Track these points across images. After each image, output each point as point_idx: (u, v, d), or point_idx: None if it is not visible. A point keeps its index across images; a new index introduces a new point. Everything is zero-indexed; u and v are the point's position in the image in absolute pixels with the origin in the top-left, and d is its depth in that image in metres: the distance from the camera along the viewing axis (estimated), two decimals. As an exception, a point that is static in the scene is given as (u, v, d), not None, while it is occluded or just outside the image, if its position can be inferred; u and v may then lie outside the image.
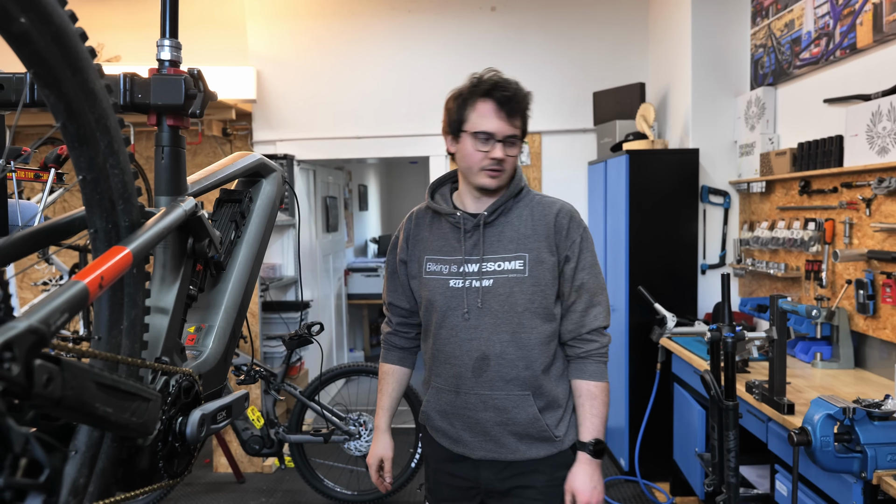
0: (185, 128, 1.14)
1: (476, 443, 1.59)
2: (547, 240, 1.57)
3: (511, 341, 1.55)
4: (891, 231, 2.43)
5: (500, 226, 1.59)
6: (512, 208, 1.61)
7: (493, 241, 1.58)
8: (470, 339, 1.56)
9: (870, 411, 1.76)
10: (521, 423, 1.56)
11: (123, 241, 0.86)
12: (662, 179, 3.62)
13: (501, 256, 1.57)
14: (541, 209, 1.61)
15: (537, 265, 1.55)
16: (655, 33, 4.36)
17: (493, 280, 1.56)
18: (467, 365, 1.57)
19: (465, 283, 1.57)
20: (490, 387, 1.56)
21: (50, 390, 0.61)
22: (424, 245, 1.66)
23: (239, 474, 3.87)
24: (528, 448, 1.57)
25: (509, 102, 1.52)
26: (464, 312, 1.57)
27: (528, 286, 1.55)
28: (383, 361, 1.81)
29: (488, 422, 1.57)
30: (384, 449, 1.77)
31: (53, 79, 0.73)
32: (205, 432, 1.06)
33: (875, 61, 2.58)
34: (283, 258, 4.82)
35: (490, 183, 1.55)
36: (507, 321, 1.55)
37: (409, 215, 1.74)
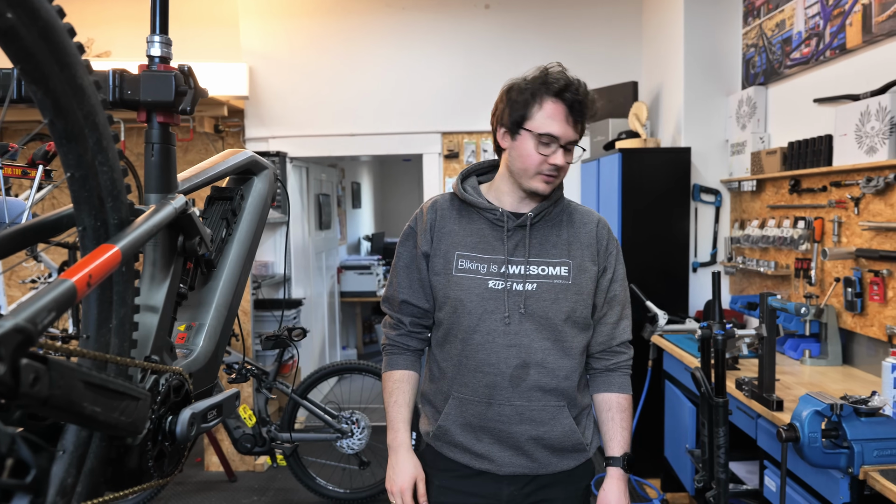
0: (176, 125, 1.14)
1: (506, 458, 1.49)
2: (590, 248, 1.53)
3: (552, 349, 1.47)
4: (879, 230, 2.45)
5: (542, 229, 1.52)
6: (551, 212, 1.54)
7: (535, 243, 1.50)
8: (509, 345, 1.45)
9: (857, 407, 1.77)
10: (555, 437, 1.49)
11: (112, 238, 0.86)
12: (655, 178, 3.63)
13: (546, 261, 1.49)
14: (580, 217, 1.56)
15: (580, 273, 1.50)
16: (648, 32, 4.37)
17: (536, 284, 1.47)
18: (504, 374, 1.46)
19: (507, 286, 1.46)
20: (528, 397, 1.46)
21: (37, 390, 0.60)
22: (454, 239, 1.52)
23: (230, 473, 3.86)
24: (559, 461, 1.51)
25: (581, 107, 1.43)
26: (504, 316, 1.45)
27: (572, 294, 1.48)
28: (393, 368, 1.58)
29: (522, 435, 1.47)
30: (416, 467, 1.53)
31: (41, 75, 0.72)
32: (195, 431, 1.05)
33: (864, 62, 2.60)
34: (276, 256, 4.80)
35: (544, 189, 1.47)
36: (550, 328, 1.47)
37: (432, 204, 1.58)
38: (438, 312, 1.54)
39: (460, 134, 4.64)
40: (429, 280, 1.54)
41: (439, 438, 1.55)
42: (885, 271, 2.41)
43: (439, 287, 1.52)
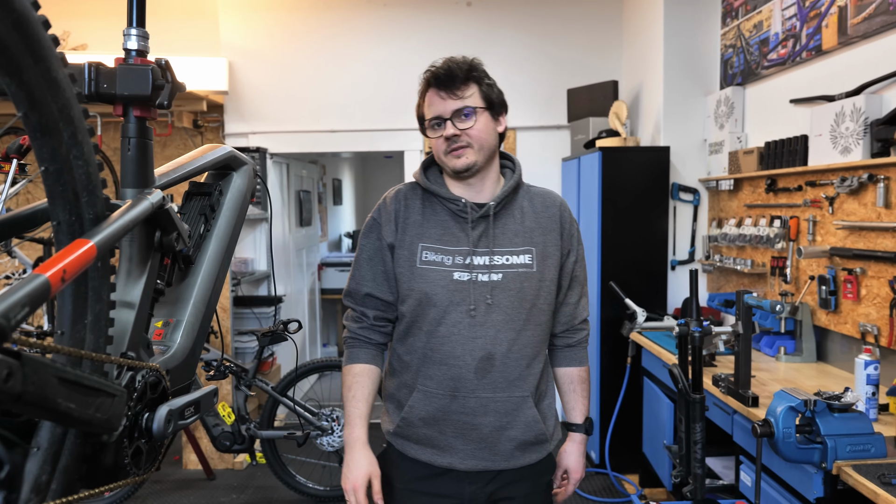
0: (153, 119, 1.13)
1: (468, 451, 1.48)
2: (553, 234, 1.54)
3: (517, 339, 1.48)
4: (852, 229, 2.49)
5: (504, 217, 1.52)
6: (513, 200, 1.54)
7: (498, 233, 1.50)
8: (474, 337, 1.45)
9: (830, 403, 1.80)
10: (520, 428, 1.49)
11: (87, 233, 0.85)
12: (634, 176, 3.66)
13: (510, 250, 1.49)
14: (541, 200, 1.56)
15: (544, 260, 1.51)
16: (629, 32, 4.40)
17: (502, 274, 1.47)
18: (469, 365, 1.45)
19: (472, 277, 1.46)
20: (493, 388, 1.46)
21: (10, 385, 0.60)
22: (418, 231, 1.50)
23: (209, 471, 3.83)
24: (522, 455, 1.51)
25: (446, 77, 1.45)
26: (470, 308, 1.45)
27: (536, 281, 1.50)
28: (353, 362, 1.56)
29: (486, 427, 1.47)
30: (373, 465, 1.49)
31: (14, 67, 0.71)
32: (172, 428, 1.05)
33: (840, 63, 2.65)
34: (256, 252, 4.77)
35: (456, 163, 1.45)
36: (516, 318, 1.47)
37: (396, 194, 1.57)
38: (401, 305, 1.52)
39: (442, 131, 4.64)
40: (393, 272, 1.51)
41: (401, 435, 1.53)
42: (859, 269, 2.45)
43: (403, 279, 1.50)
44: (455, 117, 1.44)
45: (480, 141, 1.46)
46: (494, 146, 1.51)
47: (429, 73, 1.49)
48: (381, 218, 1.55)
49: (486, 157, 1.49)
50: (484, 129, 1.46)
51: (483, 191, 1.52)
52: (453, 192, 1.52)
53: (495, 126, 1.50)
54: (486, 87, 1.48)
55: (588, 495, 3.49)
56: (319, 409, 3.41)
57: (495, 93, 1.50)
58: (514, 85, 4.58)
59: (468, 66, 1.46)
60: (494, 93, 1.49)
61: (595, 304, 3.69)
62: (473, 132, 1.44)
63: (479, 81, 1.47)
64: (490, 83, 1.50)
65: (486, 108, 1.47)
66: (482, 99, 1.46)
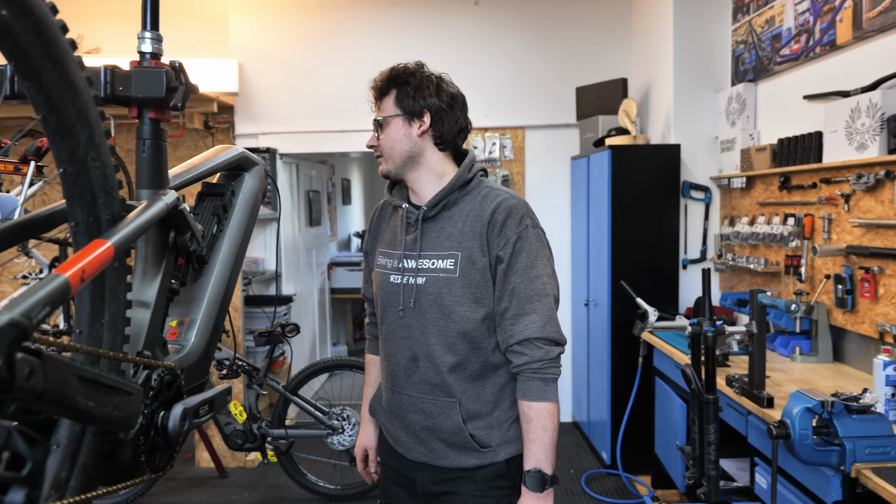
0: (167, 120, 1.13)
1: (410, 444, 1.55)
2: (479, 238, 1.45)
3: (438, 344, 1.47)
4: (869, 226, 2.47)
5: (442, 221, 1.51)
6: (458, 202, 1.51)
7: (432, 236, 1.50)
8: (404, 337, 1.51)
9: (848, 405, 1.78)
10: (446, 431, 1.48)
11: (105, 234, 0.86)
12: (644, 175, 3.65)
13: (437, 254, 1.49)
14: (484, 204, 1.48)
15: (468, 265, 1.45)
16: (638, 29, 4.38)
17: (426, 278, 1.48)
18: (400, 364, 1.53)
19: (403, 280, 1.52)
20: (419, 389, 1.51)
21: (31, 384, 0.60)
22: (380, 237, 1.64)
23: (221, 469, 3.85)
24: (457, 455, 1.49)
25: (374, 91, 1.54)
26: (399, 309, 1.51)
27: (458, 287, 1.45)
28: (367, 352, 1.80)
29: (417, 424, 1.52)
30: (368, 439, 1.74)
31: (34, 71, 0.72)
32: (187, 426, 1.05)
33: (854, 58, 2.62)
34: (266, 252, 4.79)
35: (379, 171, 1.56)
36: (436, 323, 1.47)
37: (377, 206, 1.70)
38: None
39: (452, 131, 4.64)
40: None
41: (374, 416, 1.70)
42: (876, 268, 2.43)
43: (372, 281, 1.66)
44: (375, 129, 1.53)
45: (387, 149, 1.51)
46: (407, 152, 1.50)
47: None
48: (368, 227, 1.72)
49: (400, 163, 1.51)
50: (391, 137, 1.50)
51: (422, 195, 1.54)
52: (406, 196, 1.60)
53: (409, 130, 1.49)
54: (404, 92, 1.49)
55: (600, 496, 3.48)
56: (330, 408, 3.42)
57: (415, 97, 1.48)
58: (523, 84, 4.57)
59: (389, 76, 1.52)
60: (413, 97, 1.48)
61: (605, 303, 3.68)
62: (381, 142, 1.51)
63: (400, 86, 1.50)
64: (413, 87, 1.49)
65: (399, 114, 1.49)
66: (396, 106, 1.49)
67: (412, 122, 1.49)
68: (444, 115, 1.50)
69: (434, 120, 1.49)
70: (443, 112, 1.50)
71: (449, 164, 1.54)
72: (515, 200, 1.49)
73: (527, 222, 1.46)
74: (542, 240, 1.49)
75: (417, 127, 1.49)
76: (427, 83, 1.50)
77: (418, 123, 1.49)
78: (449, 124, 1.51)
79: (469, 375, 1.48)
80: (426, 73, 1.53)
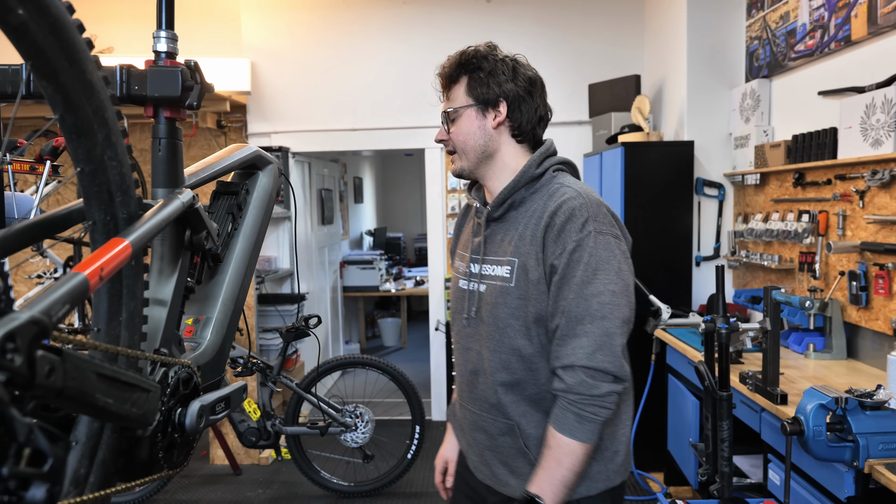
0: (182, 119, 1.14)
1: (476, 463, 1.43)
2: (537, 244, 1.27)
3: (492, 359, 1.32)
4: (884, 223, 2.44)
5: (508, 222, 1.36)
6: (525, 201, 1.34)
7: (497, 239, 1.36)
8: (468, 347, 1.40)
9: (862, 401, 1.77)
10: (506, 454, 1.35)
11: (122, 232, 0.87)
12: (658, 172, 3.63)
13: (497, 259, 1.34)
14: (548, 203, 1.29)
15: (523, 274, 1.28)
16: (651, 25, 4.36)
17: (486, 286, 1.35)
18: (465, 377, 1.42)
19: (469, 286, 1.39)
20: (479, 406, 1.38)
21: (52, 381, 0.61)
22: (461, 237, 1.54)
23: (236, 466, 3.88)
24: (518, 484, 1.32)
25: (441, 79, 1.38)
26: (464, 317, 1.40)
27: (514, 298, 1.29)
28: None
29: (480, 444, 1.40)
30: (449, 451, 1.59)
31: (51, 70, 0.73)
32: (204, 423, 1.06)
33: (869, 53, 2.59)
34: (279, 251, 4.81)
35: (451, 169, 1.42)
36: (491, 336, 1.33)
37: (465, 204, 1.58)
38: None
39: (463, 128, 4.64)
40: None
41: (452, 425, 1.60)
42: (891, 265, 2.40)
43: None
44: (444, 121, 1.38)
45: (460, 144, 1.37)
46: (482, 146, 1.35)
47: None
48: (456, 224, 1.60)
49: (475, 159, 1.37)
50: (462, 131, 1.35)
51: (494, 192, 1.39)
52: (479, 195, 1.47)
53: (483, 122, 1.34)
54: (476, 79, 1.33)
55: (613, 493, 3.47)
56: (343, 406, 3.43)
57: (489, 83, 1.32)
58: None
59: (459, 61, 1.35)
60: (487, 84, 1.32)
61: (619, 300, 3.66)
62: (453, 136, 1.37)
63: (471, 73, 1.33)
64: (486, 72, 1.32)
65: (471, 104, 1.34)
66: (468, 95, 1.34)
67: (486, 113, 1.34)
68: (522, 102, 1.34)
69: (511, 109, 1.34)
70: (520, 99, 1.34)
71: (526, 158, 1.38)
72: (582, 200, 1.26)
73: (590, 228, 1.24)
74: (612, 249, 1.25)
75: (492, 118, 1.34)
76: (502, 67, 1.33)
77: (493, 114, 1.34)
78: (527, 113, 1.35)
79: (529, 398, 1.31)
80: (500, 56, 1.35)
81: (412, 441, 3.53)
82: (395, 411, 4.68)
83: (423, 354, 5.76)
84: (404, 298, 6.97)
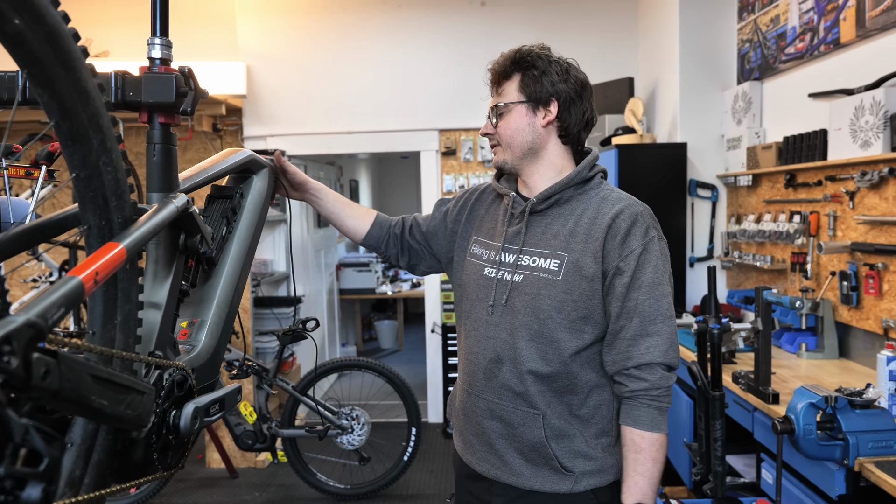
0: (177, 125, 1.15)
1: (482, 453, 1.43)
2: (594, 243, 1.32)
3: (527, 349, 1.35)
4: (873, 223, 2.47)
5: (551, 217, 1.39)
6: (572, 199, 1.39)
7: (537, 232, 1.39)
8: (489, 336, 1.40)
9: (851, 400, 1.79)
10: (526, 444, 1.36)
11: (117, 237, 0.88)
12: (651, 173, 3.65)
13: (540, 252, 1.37)
14: (601, 206, 1.36)
15: (574, 270, 1.32)
16: (644, 28, 4.38)
17: (523, 276, 1.37)
18: (481, 365, 1.41)
19: (498, 274, 1.41)
20: (499, 395, 1.38)
21: (48, 383, 0.62)
22: (478, 224, 1.52)
23: (232, 469, 3.89)
24: (533, 474, 1.36)
25: (491, 74, 1.42)
26: (489, 305, 1.40)
27: (559, 292, 1.32)
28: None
29: (493, 433, 1.40)
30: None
31: (47, 78, 0.74)
32: (198, 425, 1.07)
33: (858, 56, 2.62)
34: (275, 253, 4.82)
35: (494, 160, 1.45)
36: (528, 325, 1.34)
37: (477, 187, 1.60)
38: (455, 296, 1.57)
39: (457, 131, 4.66)
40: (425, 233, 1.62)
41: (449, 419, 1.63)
42: (881, 265, 2.43)
43: (456, 268, 1.56)
44: (491, 115, 1.42)
45: (507, 139, 1.40)
46: (529, 143, 1.39)
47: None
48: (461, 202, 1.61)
49: (519, 154, 1.40)
50: (511, 126, 1.39)
51: (534, 188, 1.43)
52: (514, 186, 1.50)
53: (532, 120, 1.38)
54: (530, 76, 1.37)
55: (608, 493, 3.49)
56: (339, 408, 3.44)
57: (542, 82, 1.36)
58: (530, 84, 4.58)
59: (514, 57, 1.39)
60: (540, 81, 1.36)
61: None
62: (500, 130, 1.41)
63: (525, 70, 1.37)
64: (540, 71, 1.36)
65: (522, 101, 1.37)
66: (520, 92, 1.38)
67: (537, 111, 1.37)
68: (573, 104, 1.38)
69: (561, 109, 1.37)
70: (571, 101, 1.38)
71: (569, 159, 1.43)
72: (641, 207, 1.36)
73: (653, 234, 1.34)
74: (667, 255, 1.36)
75: (542, 116, 1.37)
76: (556, 67, 1.37)
77: (543, 112, 1.37)
78: (576, 115, 1.39)
79: (557, 389, 1.35)
80: (554, 58, 1.39)
81: (408, 443, 3.54)
82: (391, 413, 4.69)
83: (419, 356, 5.77)
84: (401, 301, 6.98)
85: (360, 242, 1.67)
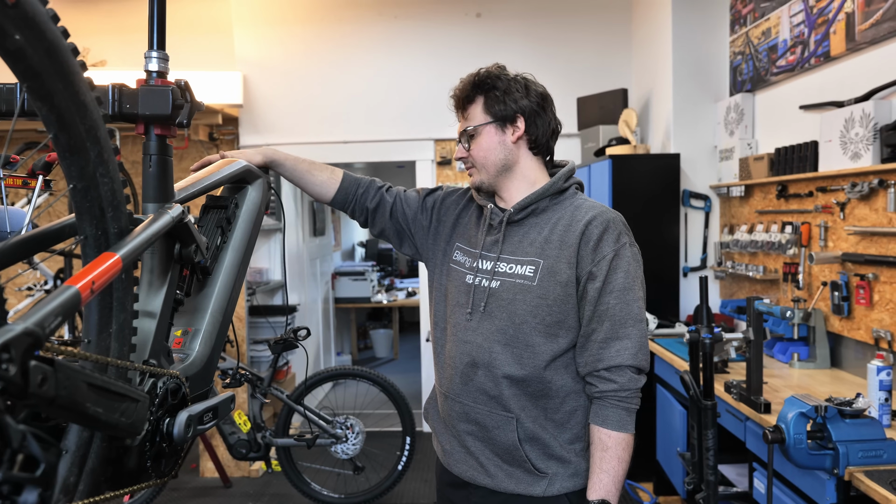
0: (173, 137, 1.17)
1: (459, 456, 1.47)
2: (569, 250, 1.37)
3: (502, 353, 1.38)
4: (864, 234, 2.49)
5: (528, 227, 1.44)
6: (547, 209, 1.44)
7: (514, 241, 1.44)
8: (466, 341, 1.43)
9: (841, 409, 1.81)
10: (501, 446, 1.40)
11: (113, 247, 0.89)
12: (645, 184, 3.68)
13: (517, 259, 1.41)
14: (577, 214, 1.40)
15: (549, 276, 1.37)
16: (638, 40, 4.43)
17: (500, 282, 1.41)
18: (458, 369, 1.45)
19: (476, 281, 1.45)
20: (474, 398, 1.42)
21: (44, 390, 0.64)
22: (460, 230, 1.56)
23: (226, 479, 3.88)
24: (507, 475, 1.40)
25: (455, 100, 1.48)
26: (467, 312, 1.44)
27: (534, 296, 1.37)
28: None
29: (469, 435, 1.44)
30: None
31: (46, 92, 0.76)
32: (191, 433, 1.08)
33: (848, 69, 2.66)
34: (270, 262, 4.83)
35: (470, 182, 1.51)
36: (504, 330, 1.39)
37: (454, 189, 1.64)
38: (433, 301, 1.59)
39: (453, 141, 4.69)
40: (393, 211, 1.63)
41: (426, 420, 1.62)
42: (871, 275, 2.45)
43: (436, 273, 1.59)
44: (462, 139, 1.47)
45: (480, 160, 1.45)
46: (502, 160, 1.44)
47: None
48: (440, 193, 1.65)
49: (494, 172, 1.45)
50: (483, 147, 1.44)
51: (510, 200, 1.48)
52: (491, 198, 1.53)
53: (502, 138, 1.43)
54: (493, 98, 1.41)
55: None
56: (334, 417, 3.44)
57: (505, 101, 1.41)
58: (525, 94, 4.61)
59: (473, 82, 1.44)
60: (504, 101, 1.41)
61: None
62: (473, 153, 1.46)
63: (487, 92, 1.42)
64: (502, 91, 1.41)
65: (490, 121, 1.42)
66: (486, 113, 1.43)
67: (505, 129, 1.43)
68: (538, 116, 1.44)
69: (528, 123, 1.43)
70: (535, 114, 1.43)
71: (541, 170, 1.48)
72: (613, 214, 1.41)
73: (625, 240, 1.38)
74: (639, 260, 1.41)
75: (511, 133, 1.43)
76: (515, 85, 1.43)
77: (511, 129, 1.43)
78: (542, 126, 1.45)
79: (531, 394, 1.39)
80: (511, 76, 1.45)
81: (403, 452, 3.54)
82: (385, 423, 4.69)
83: (414, 365, 5.77)
84: (396, 309, 6.99)
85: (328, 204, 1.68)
